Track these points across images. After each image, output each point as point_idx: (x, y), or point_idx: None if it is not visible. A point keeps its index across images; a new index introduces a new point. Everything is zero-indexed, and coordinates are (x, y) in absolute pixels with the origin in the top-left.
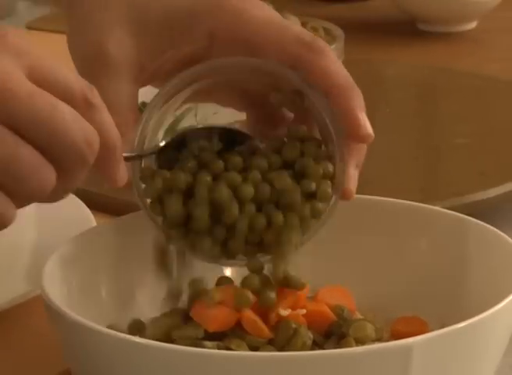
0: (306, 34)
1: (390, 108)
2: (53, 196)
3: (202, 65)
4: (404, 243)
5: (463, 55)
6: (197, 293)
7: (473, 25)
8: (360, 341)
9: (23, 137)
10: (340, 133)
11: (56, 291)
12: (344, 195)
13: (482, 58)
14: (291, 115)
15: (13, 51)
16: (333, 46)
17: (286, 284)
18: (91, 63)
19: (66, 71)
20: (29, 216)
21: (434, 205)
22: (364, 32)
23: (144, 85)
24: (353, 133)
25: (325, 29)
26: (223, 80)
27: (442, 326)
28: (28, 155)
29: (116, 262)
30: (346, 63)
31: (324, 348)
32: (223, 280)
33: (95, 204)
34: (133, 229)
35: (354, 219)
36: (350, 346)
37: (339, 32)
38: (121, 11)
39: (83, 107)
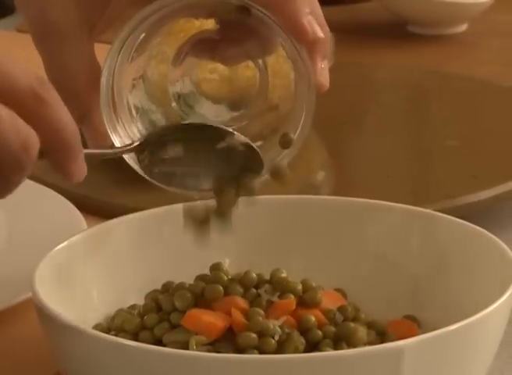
0: None
1: (381, 110)
2: None
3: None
4: (396, 245)
5: (453, 57)
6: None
7: (463, 28)
8: (352, 344)
9: None
10: (291, 39)
11: (47, 293)
12: (318, 89)
13: (473, 61)
14: None
15: None
16: None
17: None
18: (40, 31)
19: (13, 68)
20: (20, 219)
21: (426, 207)
22: (355, 34)
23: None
24: (304, 42)
25: None
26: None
27: (434, 329)
28: None
29: (107, 265)
30: (338, 65)
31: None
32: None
33: (86, 207)
34: (123, 232)
35: (346, 222)
36: (342, 349)
37: (330, 34)
38: None
39: (33, 104)
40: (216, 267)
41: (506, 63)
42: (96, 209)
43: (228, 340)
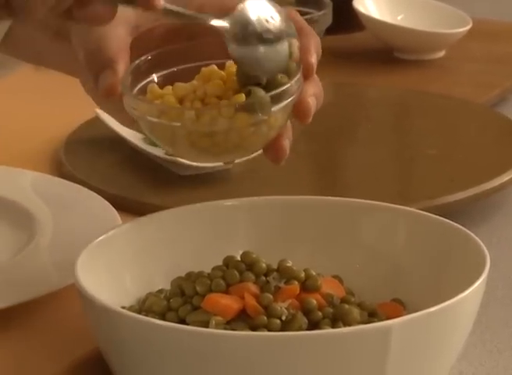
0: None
1: (371, 124)
2: None
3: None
4: (385, 239)
5: (433, 79)
6: None
7: (442, 54)
8: (347, 324)
9: None
10: None
11: (87, 280)
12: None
13: (450, 83)
14: None
15: None
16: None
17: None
18: (96, 66)
19: None
20: (64, 216)
21: (410, 206)
22: (350, 59)
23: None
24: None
25: None
26: None
27: (417, 310)
28: None
29: (139, 256)
30: (335, 86)
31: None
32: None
33: (121, 205)
34: (152, 227)
35: (342, 219)
36: (339, 328)
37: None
38: None
39: None
40: (229, 259)
41: (478, 85)
42: (129, 208)
43: (242, 320)
